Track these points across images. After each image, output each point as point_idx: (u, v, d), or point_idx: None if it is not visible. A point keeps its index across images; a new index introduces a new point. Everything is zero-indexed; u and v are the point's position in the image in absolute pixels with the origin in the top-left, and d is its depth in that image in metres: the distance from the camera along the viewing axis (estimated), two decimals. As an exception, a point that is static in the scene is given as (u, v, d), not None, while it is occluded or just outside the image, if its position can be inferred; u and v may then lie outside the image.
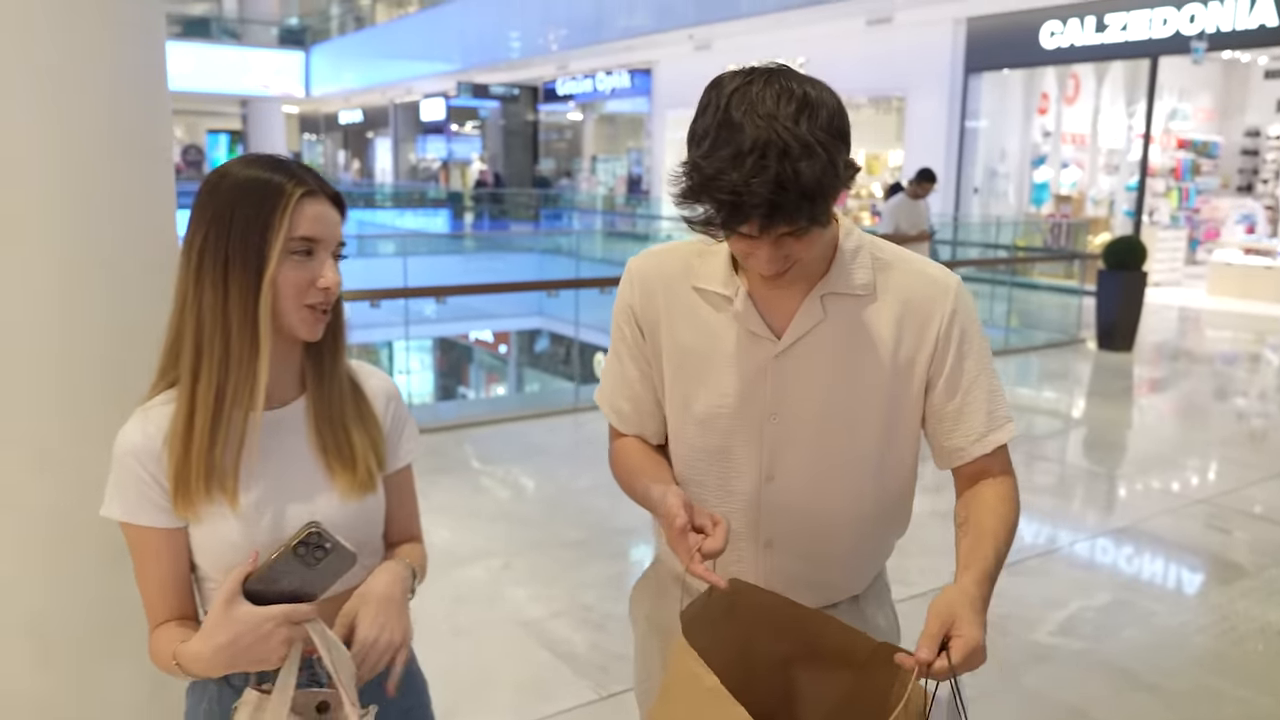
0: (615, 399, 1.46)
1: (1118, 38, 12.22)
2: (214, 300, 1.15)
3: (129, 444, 1.18)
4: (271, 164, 1.18)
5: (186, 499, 1.16)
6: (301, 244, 1.16)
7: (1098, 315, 8.95)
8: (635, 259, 1.44)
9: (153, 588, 1.21)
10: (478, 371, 15.83)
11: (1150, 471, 5.51)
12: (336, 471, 1.24)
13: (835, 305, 1.31)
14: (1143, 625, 3.51)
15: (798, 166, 1.09)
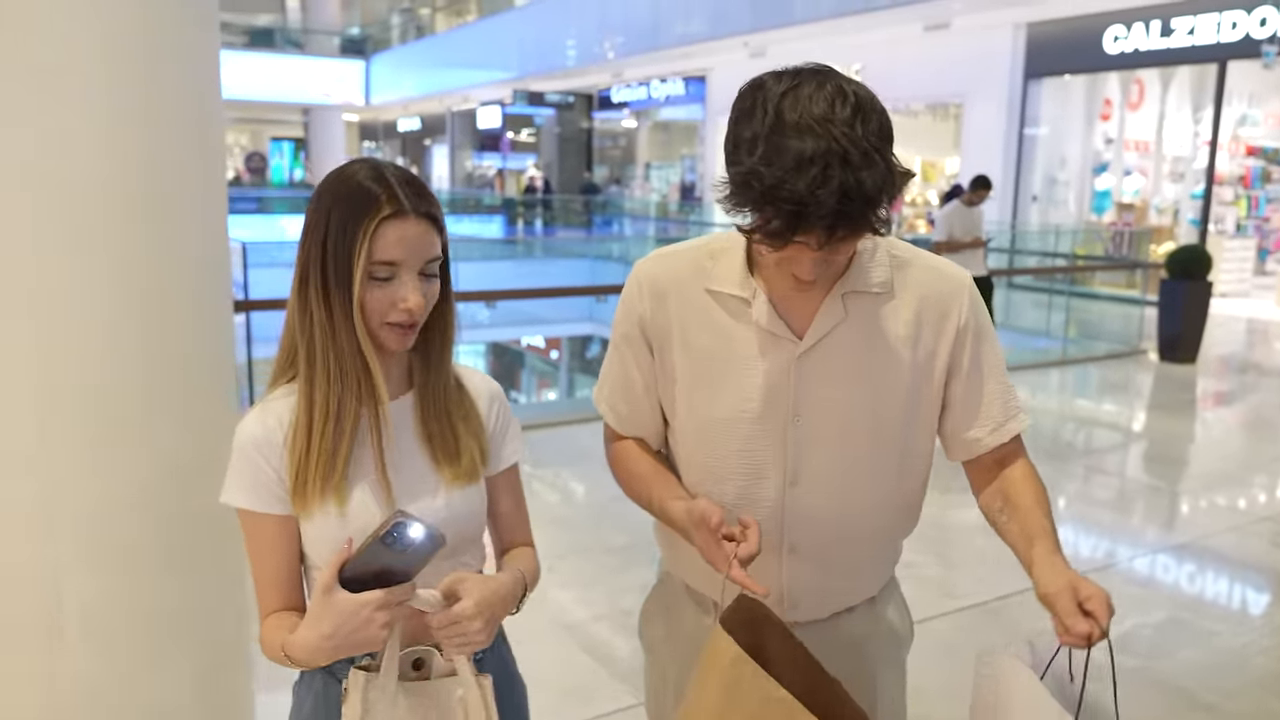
0: (615, 400, 1.45)
1: (1184, 42, 11.91)
2: (321, 316, 1.18)
3: (249, 435, 1.21)
4: (370, 177, 1.17)
5: (302, 496, 1.20)
6: (382, 268, 1.17)
7: (1160, 326, 8.73)
8: (643, 262, 1.41)
9: (265, 576, 1.24)
10: (529, 376, 15.94)
11: (1214, 487, 5.35)
12: (441, 462, 1.27)
13: (855, 304, 1.30)
14: (1202, 645, 3.40)
15: (860, 176, 1.08)
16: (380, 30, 29.21)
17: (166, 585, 1.83)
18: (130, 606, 1.80)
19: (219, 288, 1.94)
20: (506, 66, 21.84)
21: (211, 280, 1.92)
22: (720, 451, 1.35)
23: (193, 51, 1.84)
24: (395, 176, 1.18)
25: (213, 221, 1.92)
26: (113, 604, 1.77)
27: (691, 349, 1.35)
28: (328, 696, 1.27)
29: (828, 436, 1.32)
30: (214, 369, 1.93)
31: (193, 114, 1.84)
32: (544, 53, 20.30)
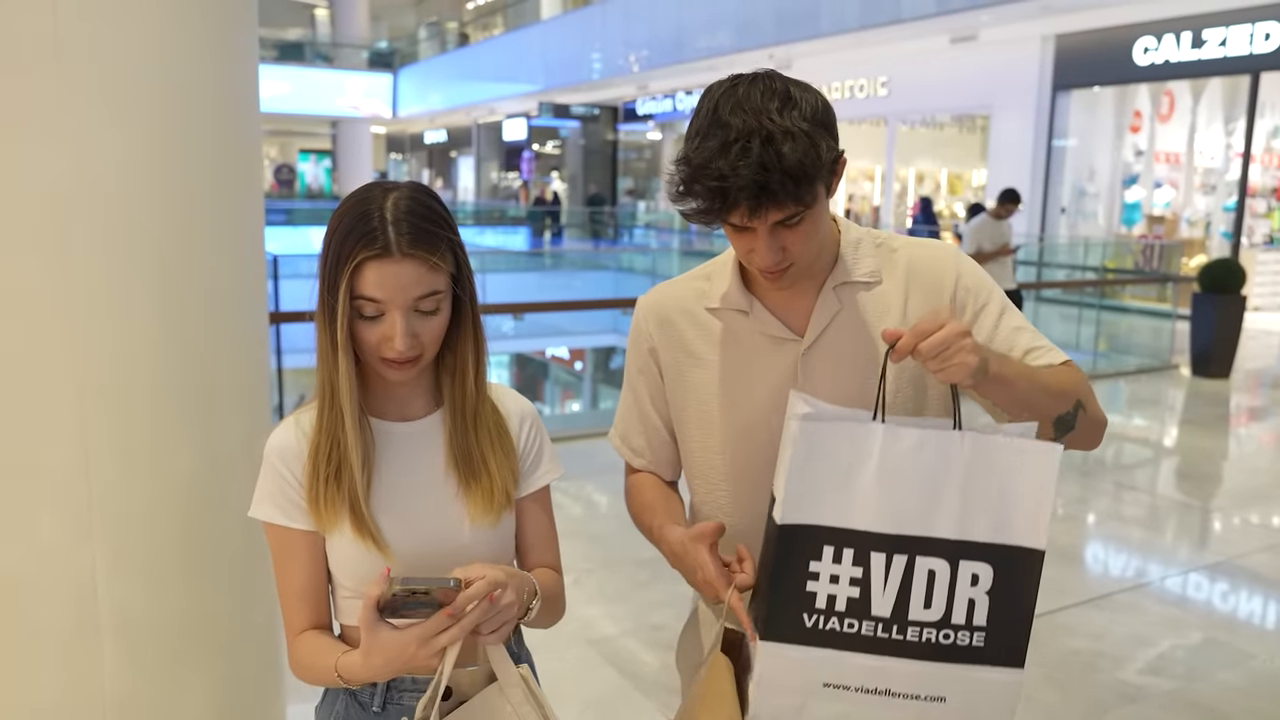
0: (630, 436, 1.49)
1: (1216, 53, 11.78)
2: (324, 340, 1.19)
3: (275, 444, 1.22)
4: (365, 213, 1.15)
5: (316, 513, 1.20)
6: (368, 305, 1.15)
7: (1192, 340, 8.61)
8: (645, 298, 1.47)
9: (292, 592, 1.23)
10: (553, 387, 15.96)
11: (1247, 505, 5.25)
12: (470, 487, 1.25)
13: (848, 294, 1.34)
14: (1239, 667, 3.34)
15: (780, 150, 1.14)
16: (408, 44, 29.48)
17: (202, 593, 1.84)
18: (166, 613, 1.80)
19: (256, 298, 1.96)
20: (532, 79, 21.96)
21: (250, 290, 1.93)
22: (741, 459, 1.37)
23: (233, 65, 1.86)
24: (394, 211, 1.14)
25: (251, 232, 1.93)
26: (149, 610, 1.78)
27: (701, 367, 1.39)
28: (349, 716, 1.27)
29: None
30: (252, 378, 1.95)
31: (233, 126, 1.86)
32: (569, 66, 20.39)
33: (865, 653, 1.13)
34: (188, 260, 1.78)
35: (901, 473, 1.13)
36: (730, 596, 1.19)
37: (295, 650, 1.23)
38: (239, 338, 1.91)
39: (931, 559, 1.13)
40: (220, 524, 1.82)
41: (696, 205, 1.19)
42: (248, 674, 1.96)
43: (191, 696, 1.86)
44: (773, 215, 1.18)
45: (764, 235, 1.21)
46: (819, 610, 1.13)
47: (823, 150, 1.17)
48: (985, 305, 1.35)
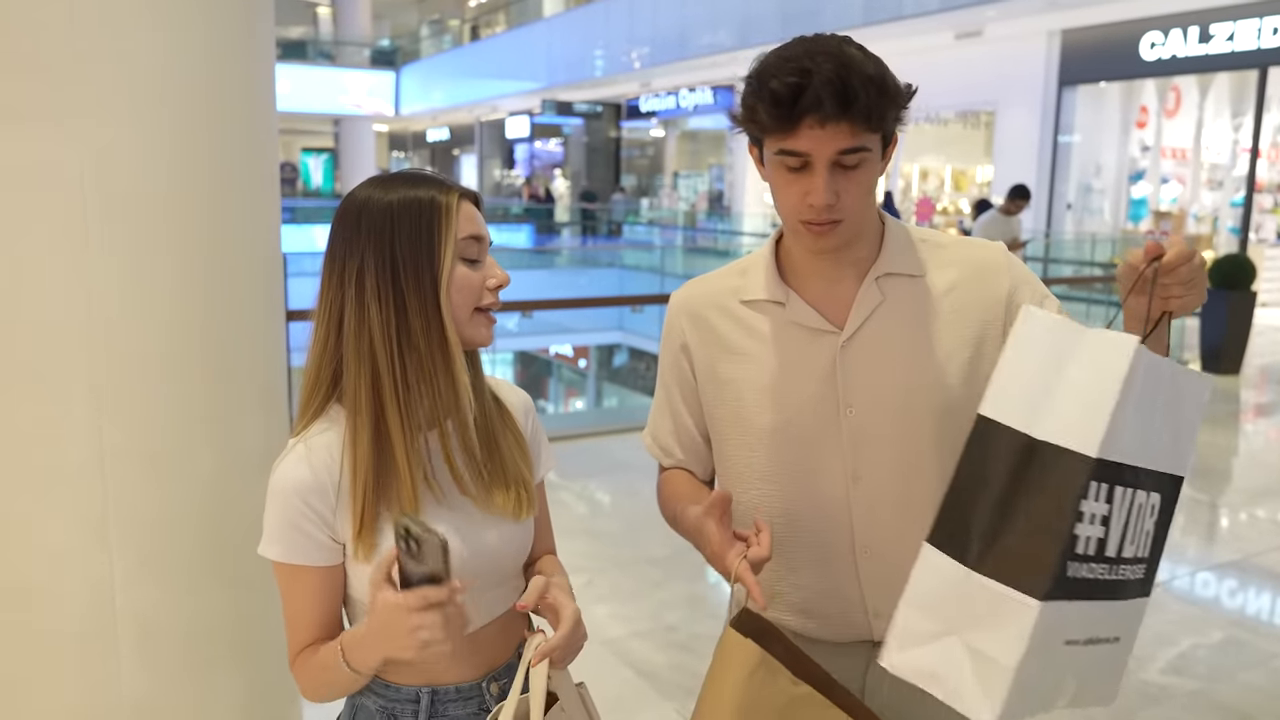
0: (661, 435, 1.47)
1: (1223, 48, 11.73)
2: (387, 321, 1.11)
3: (293, 481, 1.12)
4: (413, 178, 1.16)
5: (370, 536, 1.11)
6: (470, 245, 1.15)
7: (1202, 336, 8.57)
8: (677, 293, 1.44)
9: (302, 623, 1.17)
10: (557, 385, 15.96)
11: (1261, 502, 5.22)
12: (496, 492, 1.21)
13: (891, 286, 1.31)
14: (1262, 667, 3.30)
15: (863, 62, 1.16)
16: (410, 41, 29.46)
17: (221, 596, 1.82)
18: (185, 618, 1.78)
19: (273, 298, 1.93)
20: (535, 76, 21.93)
21: (266, 291, 1.90)
22: (779, 457, 1.33)
23: (252, 63, 1.84)
24: (435, 173, 1.20)
25: (267, 232, 1.91)
26: (168, 615, 1.76)
27: (736, 361, 1.35)
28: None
29: (883, 425, 1.30)
30: (269, 380, 1.92)
31: (252, 125, 1.84)
32: (572, 63, 20.36)
33: (1096, 599, 1.02)
34: (207, 260, 1.75)
35: (1150, 401, 1.03)
36: (738, 565, 1.14)
37: (300, 660, 1.18)
38: (257, 337, 1.88)
39: (1143, 492, 1.04)
40: (239, 526, 1.79)
41: (767, 110, 1.16)
42: (267, 678, 1.93)
43: (210, 701, 1.84)
44: (844, 133, 1.15)
45: (823, 171, 1.17)
46: (1079, 556, 0.99)
47: (895, 84, 1.18)
48: (1046, 297, 1.34)
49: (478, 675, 1.22)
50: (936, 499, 1.31)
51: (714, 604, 3.76)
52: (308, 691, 1.19)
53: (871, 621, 1.34)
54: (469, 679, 1.21)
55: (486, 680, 1.23)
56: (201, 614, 1.79)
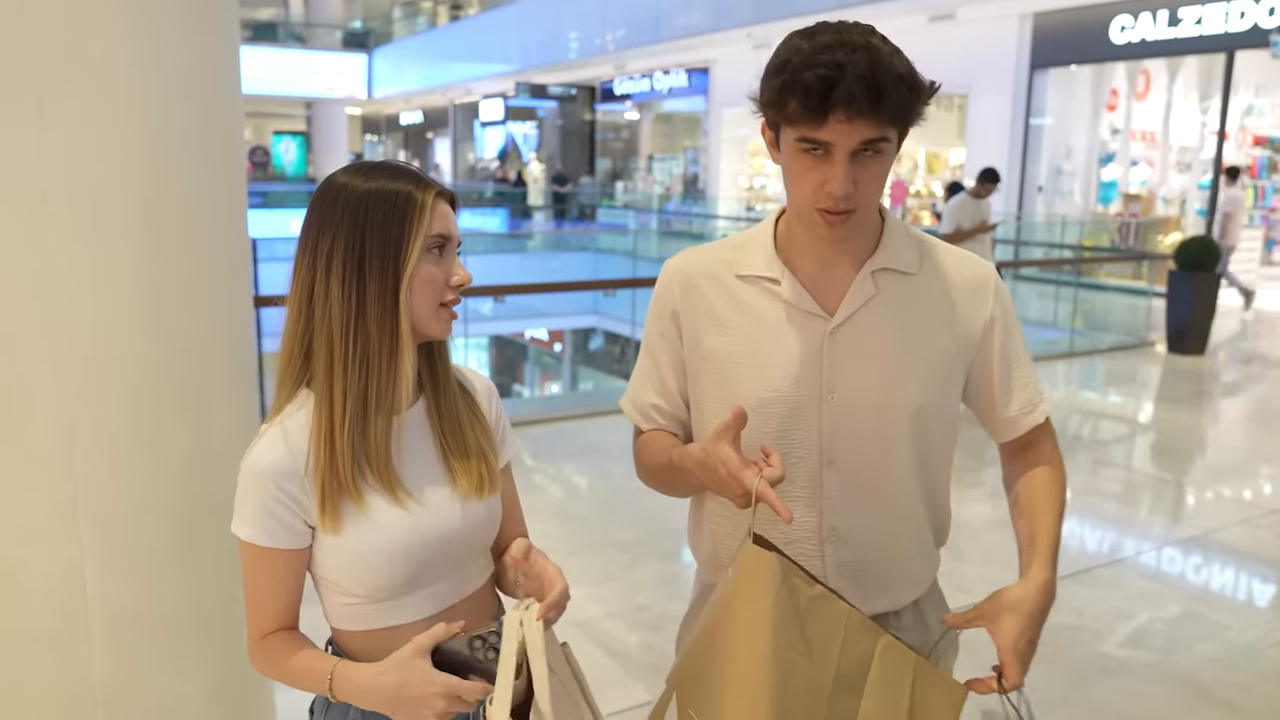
0: (642, 400, 1.47)
1: (1192, 32, 11.85)
2: (346, 301, 1.15)
3: (268, 464, 1.15)
4: (394, 171, 1.20)
5: (334, 508, 1.16)
6: (437, 241, 1.18)
7: (1168, 317, 8.70)
8: (672, 261, 1.45)
9: (266, 605, 1.21)
10: (533, 369, 15.95)
11: (1222, 479, 5.33)
12: (459, 472, 1.25)
13: (886, 282, 1.33)
14: (1216, 639, 3.39)
15: (891, 59, 1.18)
16: (383, 24, 29.16)
17: (193, 582, 1.83)
18: (157, 604, 1.79)
19: (240, 285, 1.94)
20: (508, 59, 21.78)
21: (233, 278, 1.91)
22: (757, 433, 1.34)
23: (216, 47, 1.84)
24: (414, 168, 1.22)
25: (234, 218, 1.91)
26: (139, 601, 1.77)
27: (724, 333, 1.37)
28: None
29: (861, 415, 1.33)
30: (237, 367, 1.93)
31: (217, 109, 1.84)
32: (545, 45, 20.24)
33: None
34: (173, 245, 1.75)
35: None
36: (759, 484, 1.15)
37: (264, 646, 1.22)
38: (226, 323, 1.89)
39: None
40: (210, 513, 1.80)
41: (799, 102, 1.17)
42: (239, 664, 1.93)
43: (183, 686, 1.85)
44: (870, 127, 1.18)
45: (843, 160, 1.19)
46: None
47: (922, 82, 1.22)
48: (1011, 336, 1.40)
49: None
50: (904, 492, 1.36)
51: (684, 585, 3.81)
52: (267, 673, 1.23)
53: None
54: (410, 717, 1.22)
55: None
56: (173, 600, 1.81)
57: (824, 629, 1.16)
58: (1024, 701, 1.26)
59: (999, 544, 3.99)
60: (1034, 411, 1.42)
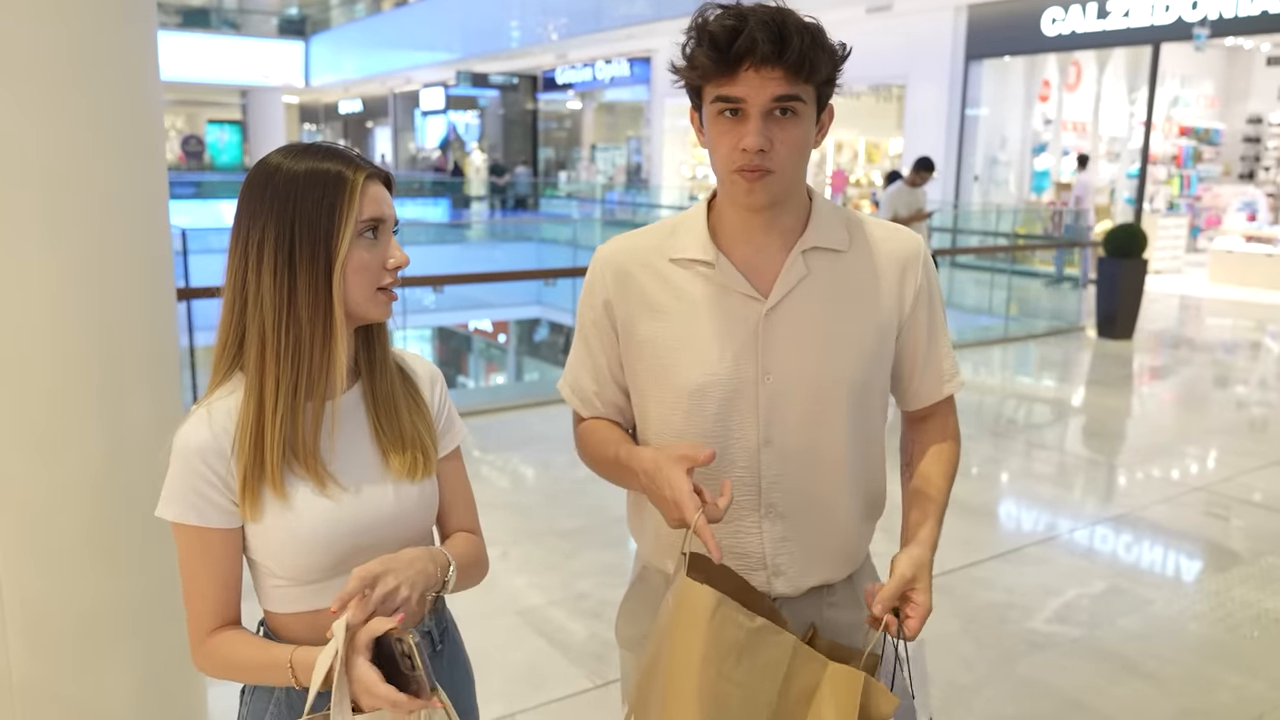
0: (580, 385, 1.47)
1: (1120, 24, 12.16)
2: (276, 291, 1.14)
3: (194, 442, 1.15)
4: (326, 152, 1.18)
5: (253, 497, 1.15)
6: (369, 225, 1.16)
7: (1098, 303, 8.94)
8: (603, 247, 1.44)
9: (205, 593, 1.18)
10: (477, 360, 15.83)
11: (1149, 460, 5.51)
12: (392, 456, 1.24)
13: (816, 260, 1.36)
14: (1140, 613, 3.51)
15: (797, 15, 1.22)
16: (319, 10, 28.61)
17: (113, 578, 1.80)
18: (75, 600, 1.76)
19: (161, 279, 1.89)
20: (449, 48, 21.54)
21: (154, 271, 1.87)
22: (694, 417, 1.36)
23: (129, 29, 1.78)
24: (347, 150, 1.20)
25: (154, 209, 1.87)
26: (56, 598, 1.74)
27: (659, 319, 1.37)
28: (291, 705, 1.24)
29: (797, 394, 1.35)
30: (158, 362, 1.89)
31: (131, 93, 1.79)
32: (486, 34, 20.05)
33: None
34: (85, 237, 1.71)
35: None
36: (697, 520, 1.17)
37: (212, 647, 1.19)
38: (145, 315, 1.85)
39: None
40: (132, 508, 1.77)
41: (706, 54, 1.21)
42: (167, 659, 1.92)
43: (106, 683, 1.82)
44: (779, 80, 1.21)
45: (757, 117, 1.22)
46: None
47: (829, 41, 1.24)
48: (935, 308, 1.43)
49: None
50: (839, 467, 1.38)
51: (625, 573, 3.83)
52: (216, 673, 1.20)
53: (771, 580, 1.40)
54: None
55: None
56: (93, 597, 1.77)
57: (765, 661, 1.18)
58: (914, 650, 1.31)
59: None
60: (950, 382, 1.47)
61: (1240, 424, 6.45)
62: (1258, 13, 10.94)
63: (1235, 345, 9.27)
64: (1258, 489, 4.89)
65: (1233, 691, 2.98)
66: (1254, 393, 7.36)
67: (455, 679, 1.36)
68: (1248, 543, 4.22)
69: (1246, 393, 7.35)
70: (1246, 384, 7.69)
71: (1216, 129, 15.46)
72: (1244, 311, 10.82)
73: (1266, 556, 4.03)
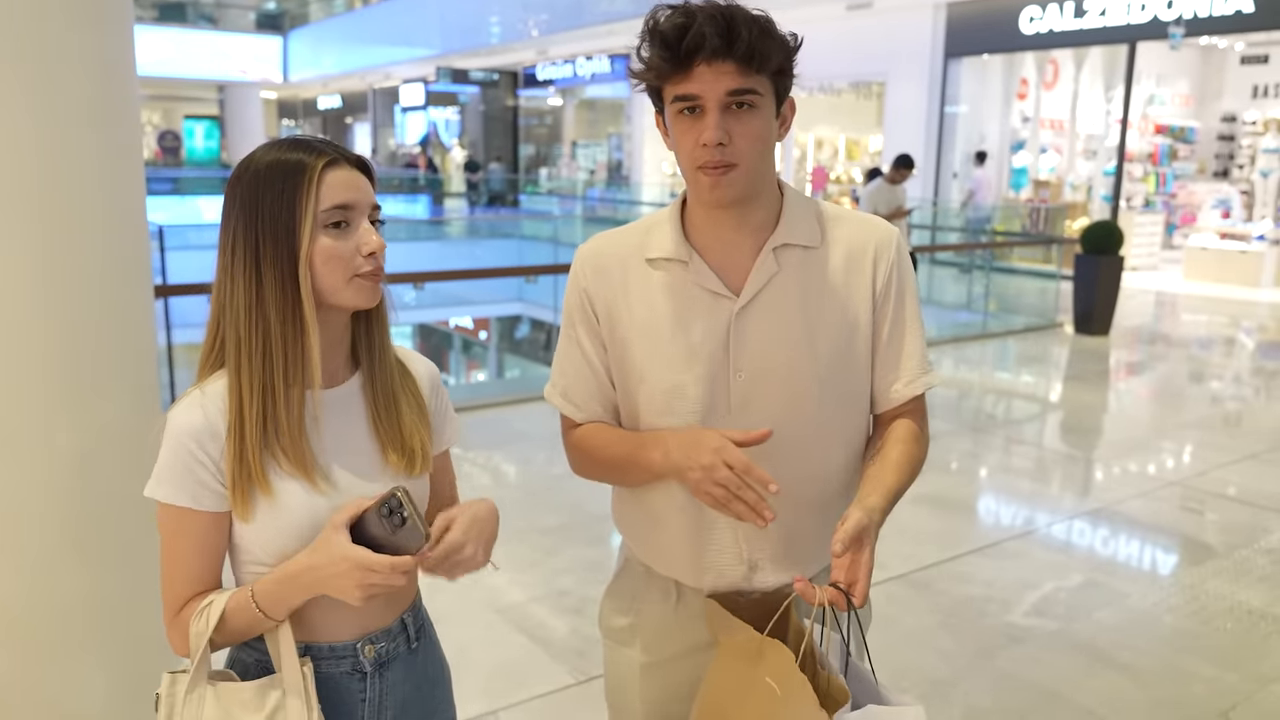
0: (573, 390, 1.46)
1: (1096, 23, 12.26)
2: (247, 290, 1.14)
3: (188, 425, 1.14)
4: (291, 144, 1.16)
5: (243, 492, 1.14)
6: (335, 214, 1.14)
7: (1075, 300, 9.01)
8: (583, 246, 1.45)
9: (185, 576, 1.18)
10: (458, 357, 15.78)
11: (1125, 454, 5.56)
12: (389, 450, 1.24)
13: (787, 257, 1.36)
14: (1115, 606, 3.55)
15: (745, 10, 1.23)
16: (297, 5, 28.40)
17: (84, 579, 1.78)
18: (48, 600, 1.75)
19: (137, 276, 1.88)
20: (429, 43, 21.44)
21: (129, 268, 1.85)
22: (676, 414, 1.37)
23: (105, 24, 1.77)
24: (314, 139, 1.18)
25: (128, 203, 1.85)
26: (27, 599, 1.72)
27: (638, 318, 1.38)
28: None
29: (768, 390, 1.36)
30: (135, 359, 1.87)
31: (106, 88, 1.77)
32: (467, 29, 19.98)
33: None
34: (57, 234, 1.70)
35: None
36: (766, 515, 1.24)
37: (180, 622, 1.18)
38: (119, 313, 1.83)
39: None
40: (104, 506, 1.76)
41: (659, 54, 1.24)
42: (139, 655, 1.90)
43: (81, 682, 1.81)
44: (731, 73, 1.22)
45: (714, 111, 1.24)
46: None
47: (779, 32, 1.25)
48: (901, 305, 1.40)
49: (355, 636, 1.24)
50: (814, 460, 1.39)
51: (606, 569, 3.83)
52: (181, 646, 1.19)
53: (746, 575, 1.42)
54: (345, 638, 1.23)
55: (363, 642, 1.25)
56: (64, 596, 1.76)
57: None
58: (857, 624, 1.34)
59: (917, 521, 4.10)
60: (912, 383, 1.42)
61: (1214, 419, 6.53)
62: (1231, 12, 11.06)
63: (1210, 341, 9.38)
64: (1231, 483, 4.95)
65: (1206, 683, 3.02)
66: (1228, 388, 7.45)
67: (431, 675, 1.36)
68: (1222, 536, 4.27)
69: (1221, 388, 7.44)
70: (1221, 379, 7.78)
71: (1191, 127, 15.61)
72: (1218, 308, 10.95)
73: (1240, 550, 4.08)
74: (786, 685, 1.21)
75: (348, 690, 1.24)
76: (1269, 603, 3.58)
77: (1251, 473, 5.13)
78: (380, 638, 1.27)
